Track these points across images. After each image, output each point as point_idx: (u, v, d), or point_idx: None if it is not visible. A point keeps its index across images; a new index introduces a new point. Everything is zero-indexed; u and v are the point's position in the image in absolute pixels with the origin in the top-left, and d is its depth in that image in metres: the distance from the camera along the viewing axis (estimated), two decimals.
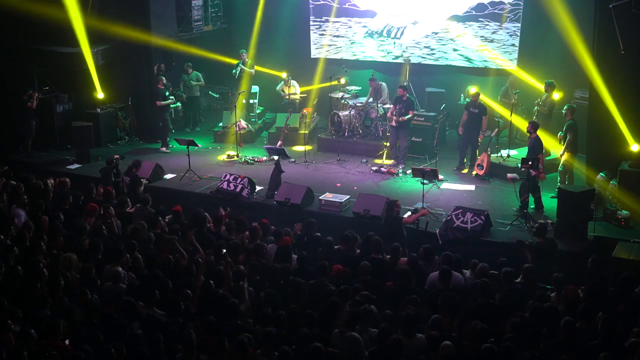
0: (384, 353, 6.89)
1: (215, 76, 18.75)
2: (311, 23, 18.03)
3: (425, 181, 12.68)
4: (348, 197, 12.49)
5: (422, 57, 16.98)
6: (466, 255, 9.55)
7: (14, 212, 10.58)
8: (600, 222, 11.42)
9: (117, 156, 13.32)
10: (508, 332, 7.26)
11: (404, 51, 17.08)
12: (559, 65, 15.05)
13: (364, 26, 17.52)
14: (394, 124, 14.56)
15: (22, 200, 10.95)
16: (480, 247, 10.90)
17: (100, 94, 16.18)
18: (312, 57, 18.20)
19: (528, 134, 12.50)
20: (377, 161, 14.94)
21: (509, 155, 14.03)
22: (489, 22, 16.09)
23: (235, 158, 15.27)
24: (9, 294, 7.78)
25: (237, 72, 17.16)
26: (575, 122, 12.58)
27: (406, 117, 14.40)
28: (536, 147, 12.18)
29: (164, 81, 16.04)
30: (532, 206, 12.04)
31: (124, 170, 13.00)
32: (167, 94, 16.11)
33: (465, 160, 14.40)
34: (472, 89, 14.70)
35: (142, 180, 13.06)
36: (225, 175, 13.25)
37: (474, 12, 16.22)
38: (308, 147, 15.42)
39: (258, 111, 17.81)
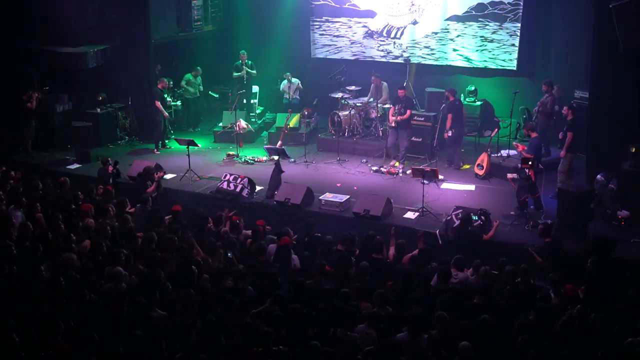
0: (383, 352, 6.88)
1: (215, 76, 18.72)
2: (311, 23, 18.03)
3: (425, 181, 12.68)
4: (348, 197, 12.48)
5: (422, 57, 16.96)
6: (466, 256, 9.54)
7: (11, 213, 10.54)
8: (601, 222, 11.41)
9: (111, 165, 13.22)
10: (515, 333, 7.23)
11: (404, 51, 17.08)
12: (558, 65, 15.04)
13: (364, 26, 17.50)
14: (392, 124, 14.56)
15: (20, 201, 10.92)
16: (480, 247, 10.89)
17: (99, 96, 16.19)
18: (312, 57, 18.21)
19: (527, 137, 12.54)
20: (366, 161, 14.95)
21: (509, 155, 14.03)
22: (489, 22, 16.08)
23: (236, 158, 15.27)
24: (9, 294, 7.77)
25: (242, 74, 17.05)
26: (575, 121, 12.58)
27: (403, 116, 14.40)
28: (536, 147, 12.20)
29: (165, 82, 16.01)
30: (532, 206, 12.04)
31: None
32: (165, 95, 16.05)
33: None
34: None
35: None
36: (225, 175, 13.25)
37: (474, 12, 16.19)
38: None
39: (258, 111, 17.79)
